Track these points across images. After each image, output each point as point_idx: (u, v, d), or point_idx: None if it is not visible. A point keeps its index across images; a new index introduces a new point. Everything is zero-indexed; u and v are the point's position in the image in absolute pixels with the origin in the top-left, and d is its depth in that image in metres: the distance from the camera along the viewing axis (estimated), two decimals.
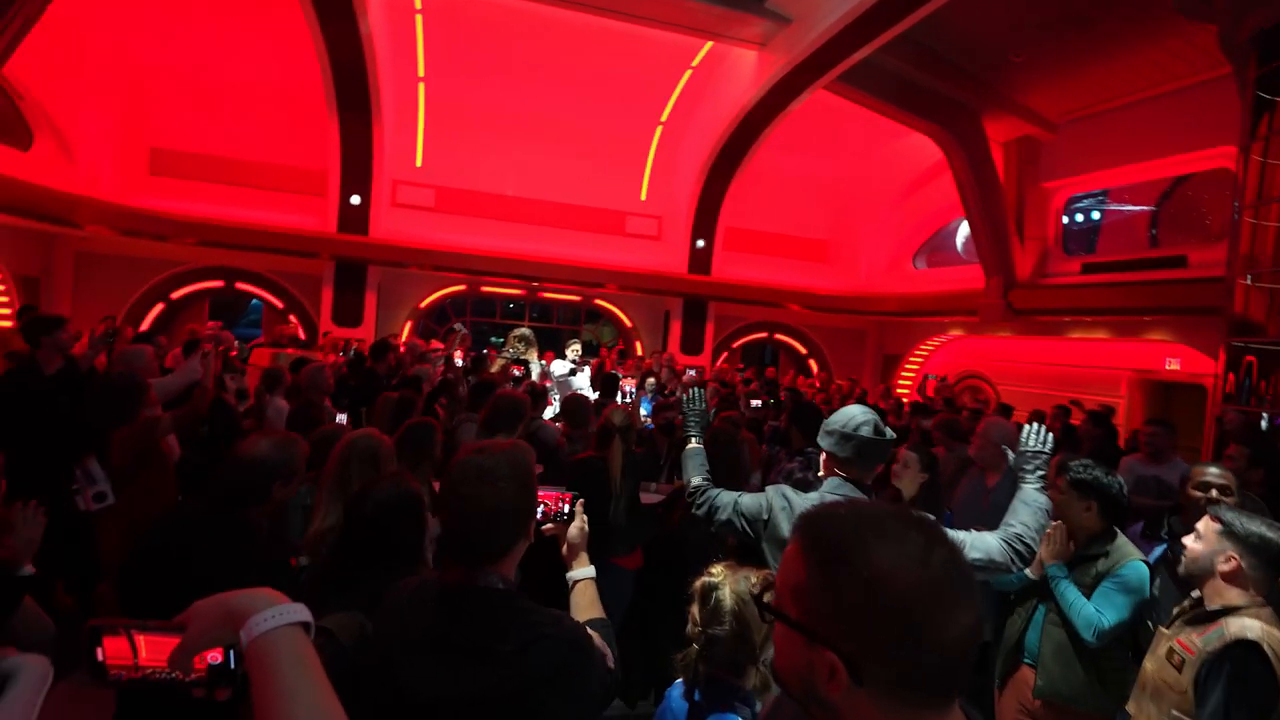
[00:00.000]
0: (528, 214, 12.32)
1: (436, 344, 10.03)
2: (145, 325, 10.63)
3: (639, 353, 12.93)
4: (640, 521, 3.54)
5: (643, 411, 6.95)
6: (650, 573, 3.53)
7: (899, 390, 12.62)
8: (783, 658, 0.79)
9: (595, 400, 5.98)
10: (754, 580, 1.64)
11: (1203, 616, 1.90)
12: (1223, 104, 7.18)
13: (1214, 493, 2.61)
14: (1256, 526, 1.87)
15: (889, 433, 2.18)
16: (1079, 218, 10.57)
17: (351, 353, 7.87)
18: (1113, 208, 10.29)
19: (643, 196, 12.99)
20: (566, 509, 1.71)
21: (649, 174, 12.84)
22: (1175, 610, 2.05)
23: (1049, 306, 9.89)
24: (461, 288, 12.51)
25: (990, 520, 3.37)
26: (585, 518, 1.72)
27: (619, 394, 6.59)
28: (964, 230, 12.02)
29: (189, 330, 7.67)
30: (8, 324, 5.95)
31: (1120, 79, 8.73)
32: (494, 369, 7.26)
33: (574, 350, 7.56)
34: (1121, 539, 2.55)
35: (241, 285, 11.61)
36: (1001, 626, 2.83)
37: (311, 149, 10.88)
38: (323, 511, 2.37)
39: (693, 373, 9.13)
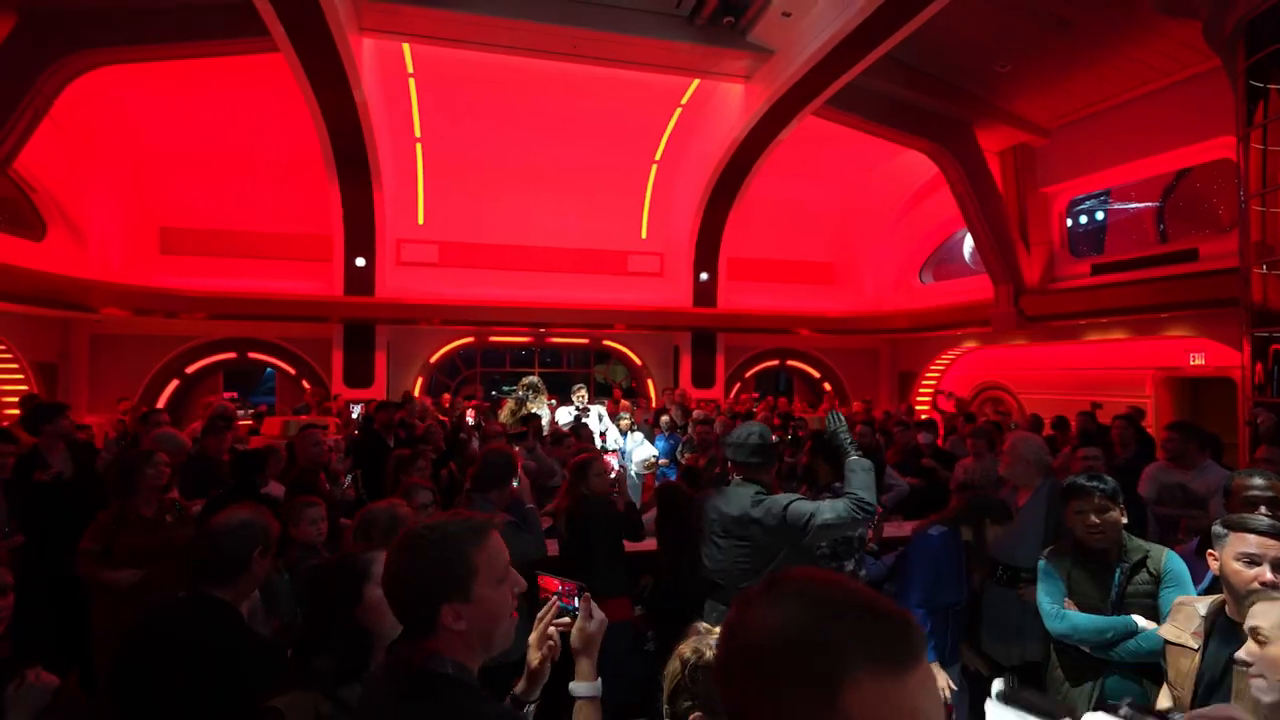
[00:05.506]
0: (531, 261, 12.45)
1: (449, 399, 10.03)
2: (161, 402, 10.75)
3: (650, 391, 12.85)
4: (618, 570, 3.44)
5: (657, 451, 6.84)
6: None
7: (919, 406, 12.41)
8: None
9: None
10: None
11: None
12: (1216, 95, 7.12)
13: (1263, 509, 2.38)
14: None
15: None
16: (1083, 219, 10.48)
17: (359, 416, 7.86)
18: (1117, 206, 10.18)
19: (643, 235, 13.09)
20: (577, 603, 1.47)
21: (648, 212, 12.96)
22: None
23: (1061, 311, 9.73)
24: (470, 340, 12.57)
25: (1019, 540, 3.21)
26: (598, 611, 1.46)
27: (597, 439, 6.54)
28: (970, 241, 11.95)
29: (204, 404, 7.68)
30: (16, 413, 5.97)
31: (1109, 80, 8.74)
32: (502, 415, 7.22)
33: (579, 396, 7.49)
34: (1126, 535, 2.44)
35: (254, 355, 11.75)
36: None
37: (315, 216, 11.10)
38: None
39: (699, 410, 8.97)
